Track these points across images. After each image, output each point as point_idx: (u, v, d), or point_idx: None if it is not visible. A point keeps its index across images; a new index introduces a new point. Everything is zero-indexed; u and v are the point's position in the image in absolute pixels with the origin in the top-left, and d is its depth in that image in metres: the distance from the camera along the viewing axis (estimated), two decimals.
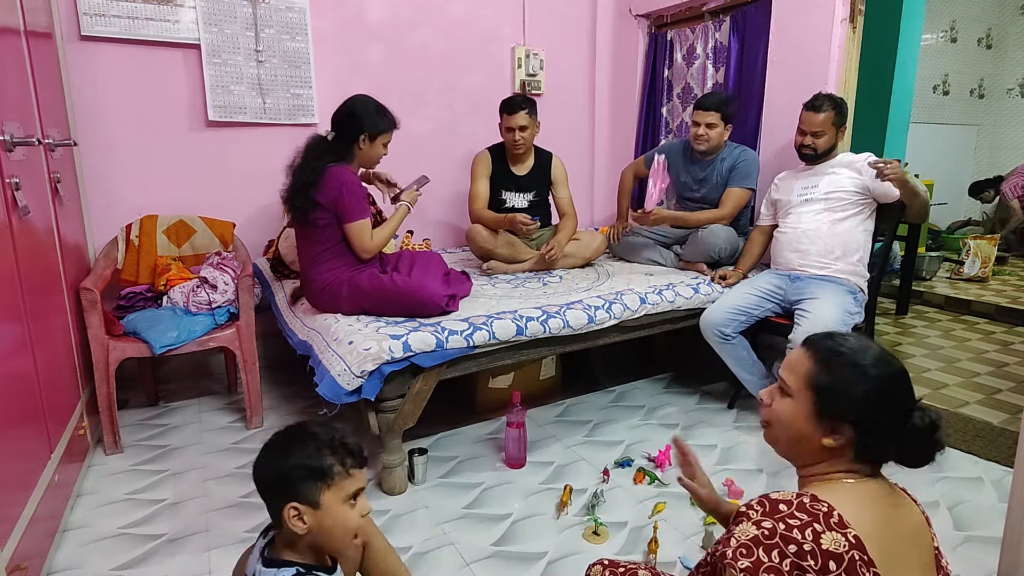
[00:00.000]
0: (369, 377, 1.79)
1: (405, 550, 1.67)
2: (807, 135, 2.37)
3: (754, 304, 2.35)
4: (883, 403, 0.90)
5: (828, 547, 0.79)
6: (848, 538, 0.80)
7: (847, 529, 0.81)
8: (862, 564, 0.80)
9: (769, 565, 0.80)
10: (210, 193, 2.81)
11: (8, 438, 1.35)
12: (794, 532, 0.81)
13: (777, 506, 0.84)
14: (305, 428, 1.07)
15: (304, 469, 1.00)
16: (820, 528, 0.81)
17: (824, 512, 0.82)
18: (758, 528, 0.82)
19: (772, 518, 0.82)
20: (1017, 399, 2.63)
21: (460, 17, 3.31)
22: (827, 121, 2.33)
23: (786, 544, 0.80)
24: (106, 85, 2.56)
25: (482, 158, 2.84)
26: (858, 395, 0.90)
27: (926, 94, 5.84)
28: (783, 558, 0.79)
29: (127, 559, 1.65)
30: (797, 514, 0.82)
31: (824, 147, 2.37)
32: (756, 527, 0.82)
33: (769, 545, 0.81)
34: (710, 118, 2.65)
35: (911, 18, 3.92)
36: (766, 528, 0.82)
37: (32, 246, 1.66)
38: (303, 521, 1.00)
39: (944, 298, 4.10)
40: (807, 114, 2.36)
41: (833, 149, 2.39)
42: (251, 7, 2.75)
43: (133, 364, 2.42)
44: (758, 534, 0.82)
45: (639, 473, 2.03)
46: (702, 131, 2.67)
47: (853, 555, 0.80)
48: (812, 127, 2.35)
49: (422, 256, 2.31)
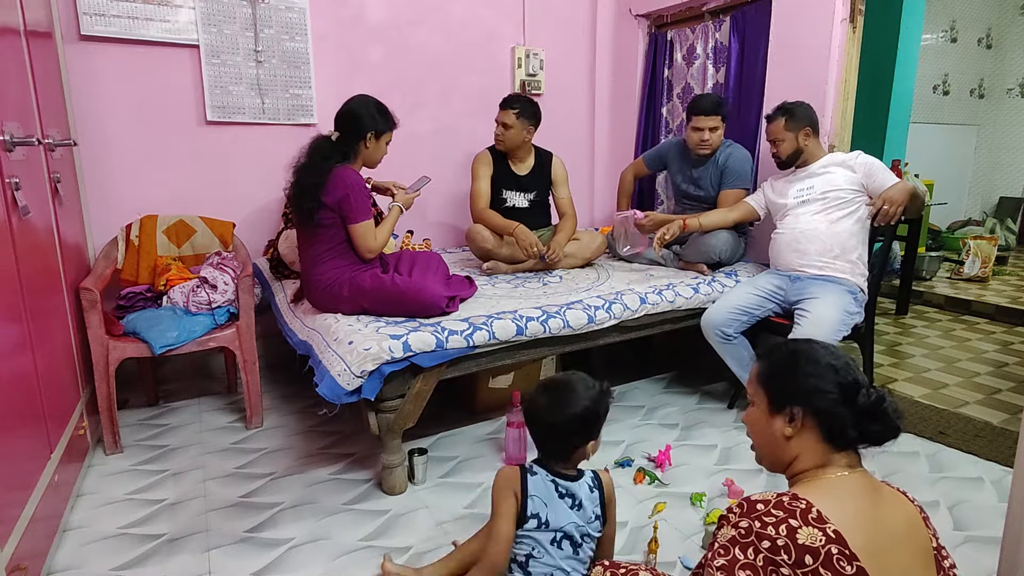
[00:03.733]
0: (369, 377, 1.79)
1: (405, 550, 1.68)
2: (772, 144, 2.46)
3: (755, 304, 2.35)
4: (823, 377, 0.97)
5: (804, 542, 0.82)
6: (827, 532, 0.82)
7: (826, 524, 0.83)
8: (842, 558, 0.81)
9: (744, 562, 0.83)
10: (210, 193, 2.81)
11: (8, 438, 1.35)
12: (768, 528, 0.84)
13: (755, 506, 0.88)
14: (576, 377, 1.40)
15: (600, 417, 1.35)
16: (796, 523, 0.83)
17: (802, 508, 0.85)
18: (735, 529, 0.86)
19: (749, 518, 0.86)
20: (1017, 399, 2.63)
21: (460, 17, 3.31)
22: (778, 128, 2.40)
23: (760, 540, 0.83)
24: (106, 85, 2.56)
25: (482, 157, 2.84)
26: (800, 377, 0.99)
27: (926, 94, 5.84)
28: (756, 554, 0.83)
29: (127, 559, 1.65)
30: (773, 511, 0.86)
31: (786, 152, 2.42)
32: (734, 528, 0.86)
33: (745, 543, 0.84)
34: (712, 122, 2.65)
35: (911, 18, 3.93)
36: (742, 528, 0.86)
37: (32, 246, 1.66)
38: (588, 454, 1.36)
39: (944, 298, 4.10)
40: (767, 126, 2.47)
41: (800, 153, 2.41)
42: (250, 7, 2.75)
43: (133, 364, 2.42)
44: (735, 534, 0.86)
45: (639, 473, 2.03)
46: (707, 136, 2.67)
47: (831, 549, 0.81)
48: (769, 135, 2.45)
49: (423, 256, 2.31)
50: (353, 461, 2.15)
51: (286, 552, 1.68)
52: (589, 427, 1.35)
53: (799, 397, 0.98)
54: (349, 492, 1.97)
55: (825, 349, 1.01)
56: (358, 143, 2.12)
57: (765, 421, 1.02)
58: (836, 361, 0.98)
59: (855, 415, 0.95)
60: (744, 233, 2.82)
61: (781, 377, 1.02)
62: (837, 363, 0.98)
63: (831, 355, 1.00)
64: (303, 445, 2.27)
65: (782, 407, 0.99)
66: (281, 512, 1.86)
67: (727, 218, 2.62)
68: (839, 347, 1.07)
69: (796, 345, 1.04)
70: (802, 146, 2.40)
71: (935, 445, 2.25)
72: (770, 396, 1.02)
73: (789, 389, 1.00)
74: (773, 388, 1.02)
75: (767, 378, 1.04)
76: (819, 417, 0.96)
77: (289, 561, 1.64)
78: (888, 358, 3.14)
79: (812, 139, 2.40)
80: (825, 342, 1.04)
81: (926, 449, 2.22)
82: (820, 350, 1.01)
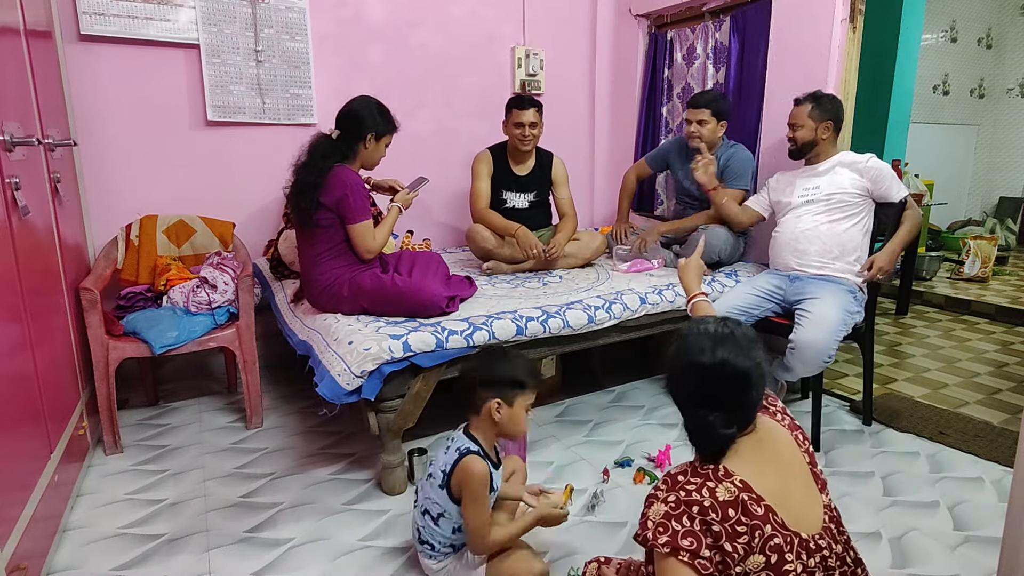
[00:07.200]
0: (369, 377, 1.79)
1: (405, 549, 1.68)
2: (790, 128, 2.42)
3: (755, 304, 2.35)
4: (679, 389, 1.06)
5: (723, 498, 0.93)
6: (735, 483, 0.95)
7: (732, 476, 0.96)
8: (752, 501, 0.94)
9: (684, 531, 0.92)
10: (210, 193, 2.81)
11: (8, 438, 1.35)
12: (693, 495, 0.94)
13: (676, 478, 0.98)
14: (512, 351, 1.57)
15: (513, 379, 1.46)
16: (713, 484, 0.95)
17: (712, 469, 0.97)
18: (666, 504, 0.95)
19: (675, 491, 0.96)
20: (1017, 399, 2.63)
21: (460, 17, 3.31)
22: (802, 113, 2.36)
23: (690, 507, 0.93)
24: (106, 85, 2.56)
25: (483, 157, 2.84)
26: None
27: (926, 94, 5.84)
28: (691, 520, 0.92)
29: (127, 559, 1.65)
30: (692, 480, 0.97)
31: (803, 139, 2.38)
32: (664, 504, 0.95)
33: (678, 514, 0.93)
34: (701, 115, 2.67)
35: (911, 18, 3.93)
36: (671, 502, 0.94)
37: (32, 246, 1.66)
38: (500, 413, 1.45)
39: (944, 298, 4.10)
40: (793, 108, 2.42)
41: (815, 144, 2.39)
42: (251, 7, 2.75)
43: (133, 364, 2.42)
44: (667, 509, 0.94)
45: (639, 473, 2.03)
46: (694, 128, 2.70)
47: (742, 497, 0.93)
48: (791, 119, 2.41)
49: (422, 257, 2.31)
50: (353, 461, 2.15)
51: (286, 552, 1.68)
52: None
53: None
54: (349, 492, 1.97)
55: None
56: (358, 143, 2.12)
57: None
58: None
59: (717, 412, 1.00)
60: (744, 233, 2.82)
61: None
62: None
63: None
64: (303, 445, 2.27)
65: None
66: (281, 512, 1.86)
67: (739, 218, 2.63)
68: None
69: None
70: (819, 139, 2.37)
71: (935, 445, 2.25)
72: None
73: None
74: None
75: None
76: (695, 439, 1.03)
77: (289, 561, 1.64)
78: (888, 358, 3.14)
79: (830, 135, 2.38)
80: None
81: (926, 449, 2.22)
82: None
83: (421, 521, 1.52)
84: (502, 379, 1.46)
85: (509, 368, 1.47)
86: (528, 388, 1.48)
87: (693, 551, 0.90)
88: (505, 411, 1.46)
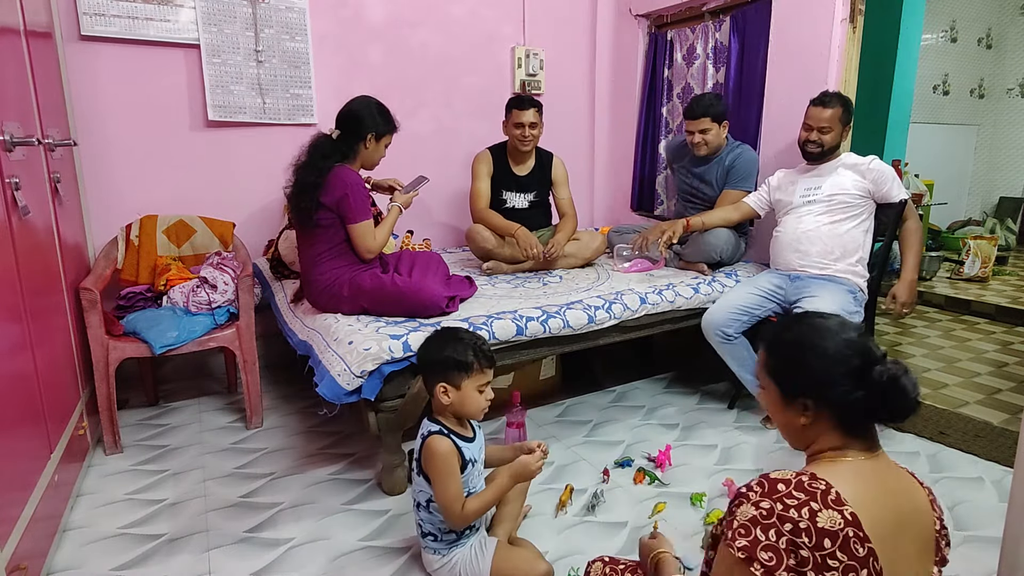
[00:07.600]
0: (369, 377, 1.79)
1: (404, 550, 1.68)
2: (813, 131, 2.34)
3: (756, 304, 2.35)
4: (831, 370, 0.94)
5: (823, 525, 0.82)
6: (844, 515, 0.83)
7: (844, 506, 0.84)
8: (856, 540, 0.82)
9: (766, 544, 0.82)
10: (210, 193, 2.81)
11: (8, 438, 1.35)
12: (791, 511, 0.83)
13: (776, 486, 0.86)
14: (458, 332, 1.51)
15: (454, 361, 1.43)
16: (817, 507, 0.83)
17: (822, 490, 0.85)
18: (756, 509, 0.85)
19: (771, 498, 0.85)
20: (1017, 399, 2.63)
21: (460, 17, 3.31)
22: (834, 117, 2.31)
23: (782, 523, 0.83)
24: (106, 85, 2.56)
25: (483, 157, 2.84)
26: (807, 371, 0.95)
27: (926, 94, 5.84)
28: (779, 536, 0.82)
29: (127, 559, 1.65)
30: (795, 493, 0.85)
31: (830, 144, 2.34)
32: (755, 508, 0.85)
33: (766, 525, 0.83)
34: (702, 124, 2.66)
35: (911, 18, 3.93)
36: (764, 508, 0.84)
37: (32, 246, 1.66)
38: (448, 396, 1.44)
39: (944, 298, 4.10)
40: (814, 109, 2.34)
41: (837, 147, 2.38)
42: (251, 7, 2.75)
43: (133, 364, 2.42)
44: (756, 514, 0.84)
45: (639, 473, 2.03)
46: (698, 139, 2.68)
47: (848, 532, 0.82)
48: (819, 123, 2.33)
49: (422, 257, 2.31)
50: (353, 461, 2.15)
51: (286, 552, 1.68)
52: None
53: (809, 390, 0.96)
54: (349, 492, 1.97)
55: (831, 332, 0.96)
56: (358, 143, 2.12)
57: (778, 409, 1.01)
58: (845, 347, 0.94)
59: (869, 397, 0.92)
60: (744, 233, 2.82)
61: (789, 371, 0.99)
62: (847, 350, 0.94)
63: (838, 339, 0.95)
64: (303, 445, 2.27)
65: (793, 399, 0.97)
66: (281, 512, 1.86)
67: (729, 218, 2.62)
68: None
69: (800, 333, 0.99)
70: (841, 142, 2.36)
71: (935, 445, 2.25)
72: (780, 388, 1.00)
73: (798, 383, 0.97)
74: (781, 382, 1.00)
75: (775, 371, 1.01)
76: (832, 408, 0.94)
77: (289, 561, 1.64)
78: None
79: (846, 139, 2.38)
80: (830, 319, 1.00)
81: (926, 449, 2.22)
82: (827, 335, 0.96)
83: (417, 514, 1.52)
84: (443, 362, 1.44)
85: (450, 350, 1.44)
86: (474, 369, 1.45)
87: (769, 568, 0.82)
88: (453, 394, 1.45)
